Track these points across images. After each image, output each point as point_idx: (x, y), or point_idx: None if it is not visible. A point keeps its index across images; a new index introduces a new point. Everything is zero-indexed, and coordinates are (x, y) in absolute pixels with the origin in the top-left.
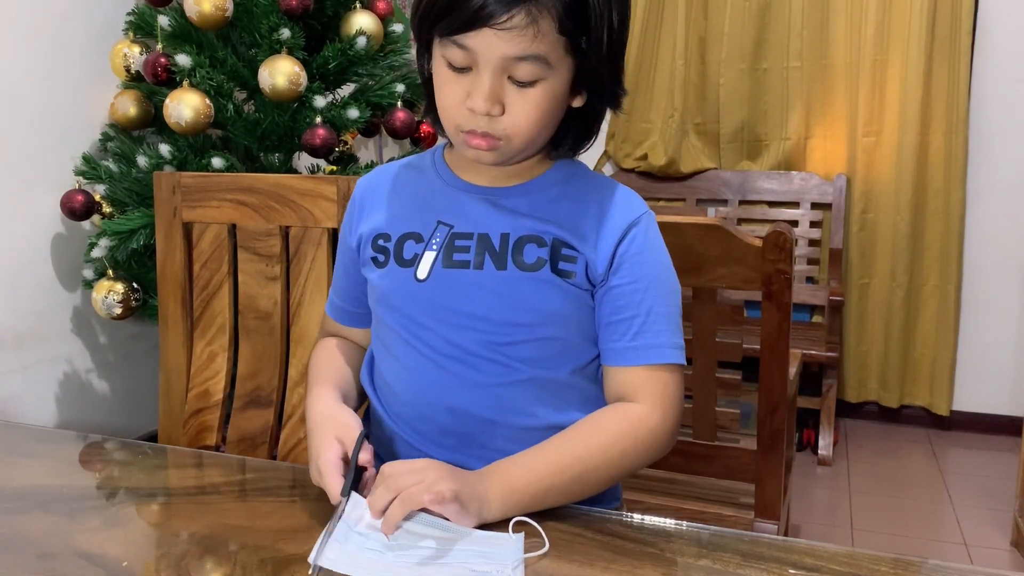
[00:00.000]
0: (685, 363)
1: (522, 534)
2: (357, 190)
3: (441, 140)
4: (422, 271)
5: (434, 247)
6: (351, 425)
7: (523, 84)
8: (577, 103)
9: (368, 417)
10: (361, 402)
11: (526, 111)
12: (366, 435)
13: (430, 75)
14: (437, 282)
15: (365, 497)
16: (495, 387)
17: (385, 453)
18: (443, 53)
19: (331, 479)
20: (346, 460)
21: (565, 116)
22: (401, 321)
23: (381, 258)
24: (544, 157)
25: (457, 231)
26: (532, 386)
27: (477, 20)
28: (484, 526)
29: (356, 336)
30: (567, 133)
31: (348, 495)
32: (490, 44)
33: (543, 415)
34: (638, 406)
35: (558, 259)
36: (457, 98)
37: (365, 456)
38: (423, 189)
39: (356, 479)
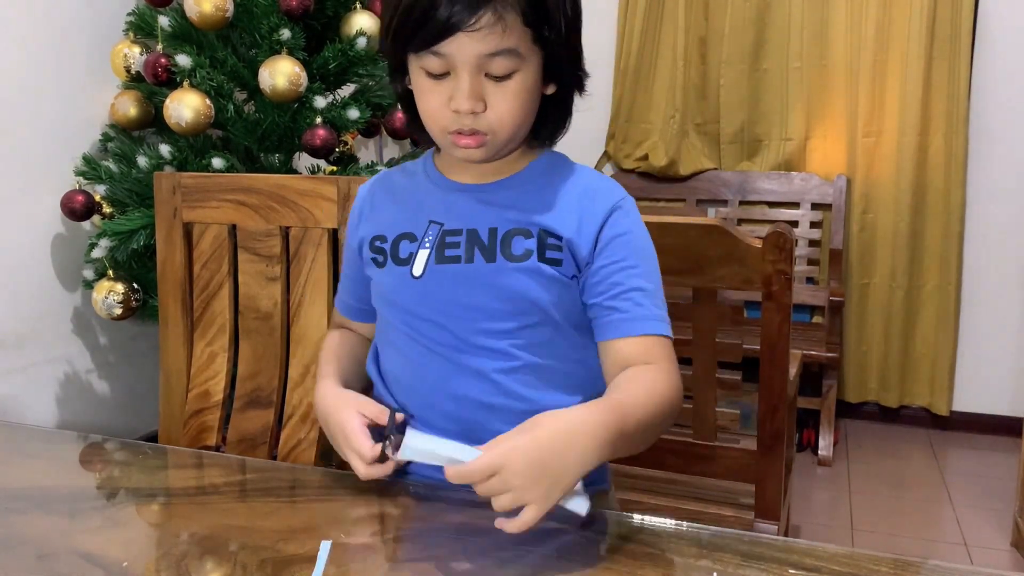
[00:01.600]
0: (672, 336)
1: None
2: (358, 197)
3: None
4: (417, 268)
5: (427, 245)
6: (370, 402)
7: (500, 78)
8: (549, 91)
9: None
10: (366, 390)
11: (507, 103)
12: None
13: (406, 90)
14: (432, 278)
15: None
16: (493, 373)
17: None
18: (420, 64)
19: (361, 440)
20: (373, 428)
21: (540, 105)
22: (401, 316)
23: (380, 259)
24: (526, 149)
25: (447, 228)
26: (527, 372)
27: (449, 28)
28: None
29: (363, 330)
30: (544, 122)
31: (387, 440)
32: (464, 47)
33: (539, 400)
34: (661, 364)
35: (545, 249)
36: (440, 103)
37: (399, 416)
38: (415, 192)
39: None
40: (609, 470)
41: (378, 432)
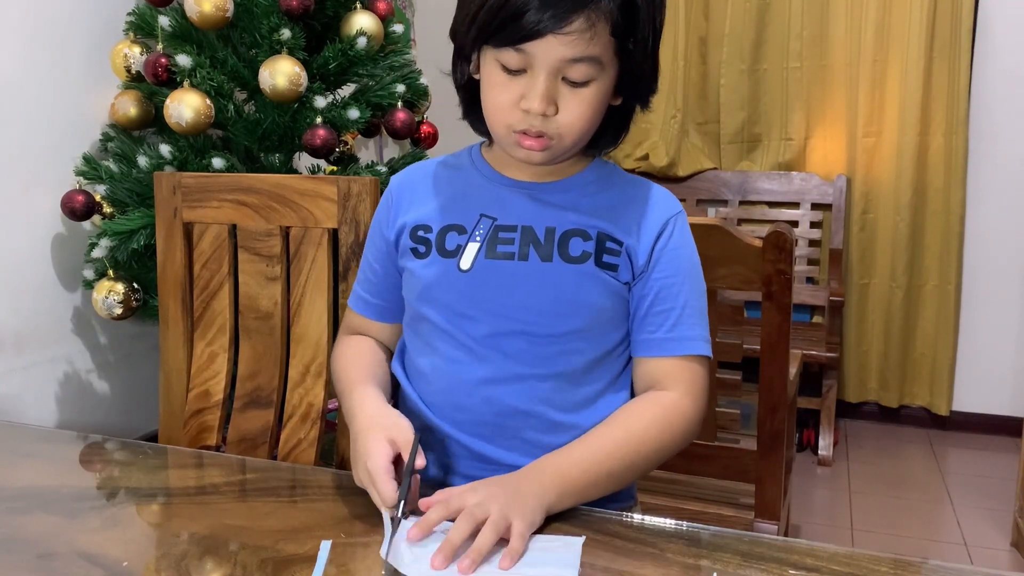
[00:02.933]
0: (711, 355)
1: (583, 538)
2: (392, 186)
3: (444, 138)
4: (465, 262)
5: (477, 238)
6: (403, 427)
7: (576, 84)
8: (616, 102)
9: (399, 407)
10: (392, 396)
11: (579, 110)
12: (420, 440)
13: (468, 79)
14: (480, 273)
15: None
16: (532, 379)
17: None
18: (497, 57)
19: (383, 483)
20: (397, 464)
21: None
22: (442, 312)
23: (422, 249)
24: (581, 155)
25: (500, 224)
26: (564, 379)
27: (540, 31)
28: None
29: (379, 331)
30: (604, 131)
31: (403, 502)
32: (550, 48)
33: (572, 407)
34: (670, 393)
35: (603, 252)
36: (510, 100)
37: (420, 462)
38: (463, 184)
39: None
40: (634, 486)
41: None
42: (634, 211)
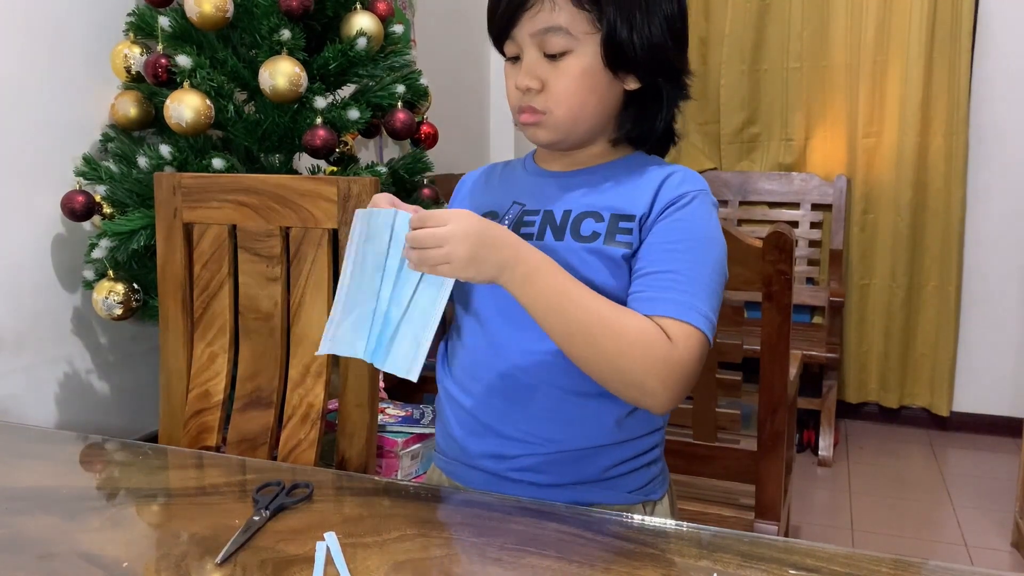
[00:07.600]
0: (710, 337)
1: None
2: (460, 185)
3: (444, 138)
4: None
5: (506, 222)
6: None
7: (554, 57)
8: (631, 85)
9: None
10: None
11: (563, 82)
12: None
13: None
14: None
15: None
16: (542, 353)
17: (451, 429)
18: (504, 49)
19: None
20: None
21: (624, 102)
22: (466, 293)
23: None
24: (612, 147)
25: (528, 209)
26: None
27: (513, 13)
28: None
29: None
30: (625, 118)
31: None
32: (522, 26)
33: (581, 381)
34: (664, 333)
35: (615, 232)
36: (512, 85)
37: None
38: (508, 177)
39: None
40: (668, 480)
41: None
42: (654, 188)
